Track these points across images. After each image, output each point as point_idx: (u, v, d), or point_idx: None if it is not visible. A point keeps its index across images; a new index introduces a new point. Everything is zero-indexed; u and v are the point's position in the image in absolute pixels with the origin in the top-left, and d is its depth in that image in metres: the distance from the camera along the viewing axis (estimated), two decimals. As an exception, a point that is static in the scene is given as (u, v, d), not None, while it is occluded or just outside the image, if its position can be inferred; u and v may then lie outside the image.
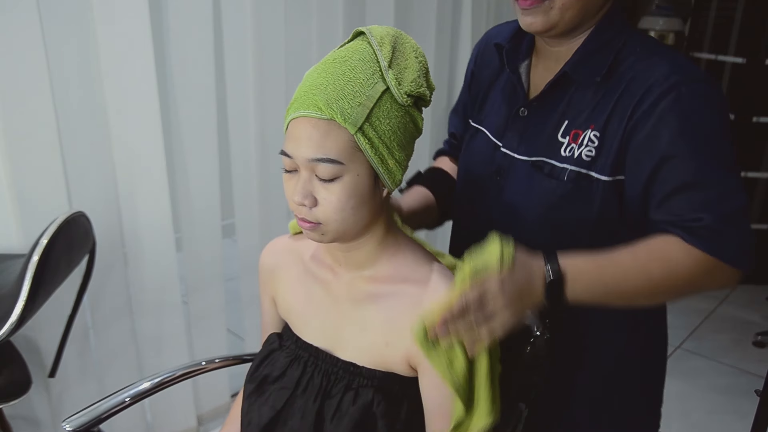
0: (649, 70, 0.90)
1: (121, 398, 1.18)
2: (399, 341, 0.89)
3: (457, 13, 2.66)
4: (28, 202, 1.54)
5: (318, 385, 0.94)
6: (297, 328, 1.02)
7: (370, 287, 0.93)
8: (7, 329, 1.16)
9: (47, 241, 1.24)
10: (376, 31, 0.87)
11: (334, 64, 0.84)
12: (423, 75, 0.88)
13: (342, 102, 0.80)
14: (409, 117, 0.87)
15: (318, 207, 0.84)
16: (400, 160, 0.86)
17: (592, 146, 0.94)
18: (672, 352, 2.78)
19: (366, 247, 0.92)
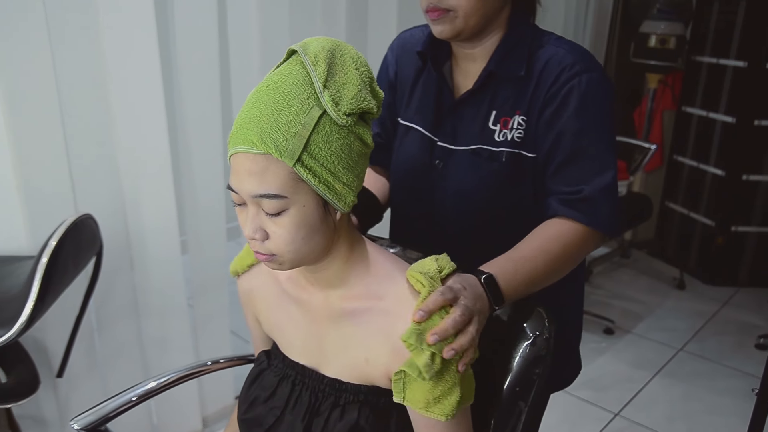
0: (558, 59, 1.05)
1: (128, 397, 1.19)
2: (377, 357, 0.88)
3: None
4: (35, 205, 1.57)
5: (306, 403, 0.95)
6: (282, 346, 1.02)
7: (344, 305, 0.92)
8: (16, 330, 1.18)
9: (56, 243, 1.26)
10: (311, 48, 0.82)
11: (267, 92, 0.80)
12: (366, 87, 0.83)
13: (276, 134, 0.77)
14: (354, 135, 0.82)
15: (269, 240, 0.83)
16: (348, 182, 0.83)
17: (521, 129, 1.07)
18: (674, 354, 2.79)
19: (332, 267, 0.91)
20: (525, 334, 1.01)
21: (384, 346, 0.87)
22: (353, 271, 0.92)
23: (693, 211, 3.50)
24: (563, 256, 1.04)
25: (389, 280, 0.91)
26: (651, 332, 2.97)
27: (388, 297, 0.89)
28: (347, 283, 0.92)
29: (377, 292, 0.90)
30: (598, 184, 1.03)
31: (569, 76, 1.03)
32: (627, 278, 3.56)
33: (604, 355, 2.78)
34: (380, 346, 0.88)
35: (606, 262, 3.69)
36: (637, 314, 3.15)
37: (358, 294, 0.91)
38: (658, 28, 3.11)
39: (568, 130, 1.04)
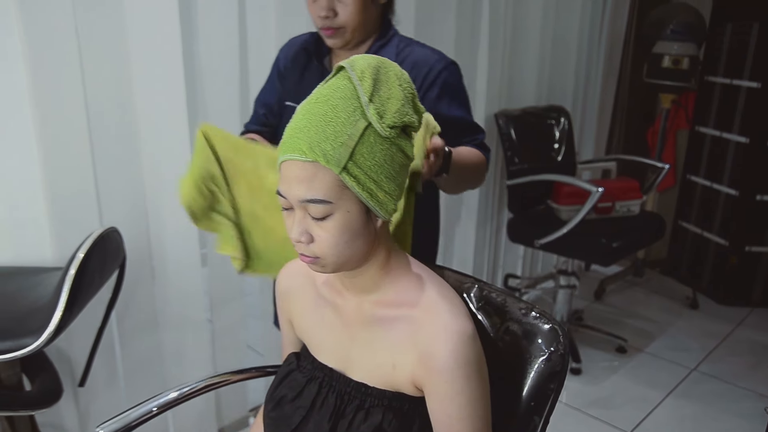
0: (426, 56, 1.41)
1: (149, 407, 1.22)
2: (404, 364, 0.92)
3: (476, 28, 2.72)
4: (61, 218, 1.61)
5: (332, 405, 0.98)
6: (313, 348, 1.06)
7: (376, 311, 0.97)
8: (44, 339, 1.21)
9: (83, 256, 1.30)
10: (358, 65, 0.88)
11: (316, 104, 0.86)
12: (409, 102, 0.89)
13: (324, 144, 0.83)
14: (396, 147, 0.88)
15: (314, 243, 0.88)
16: (390, 191, 0.88)
17: None
18: (688, 374, 2.79)
19: (369, 272, 0.96)
20: (540, 349, 1.03)
21: (410, 353, 0.91)
22: (387, 278, 0.96)
23: (706, 231, 3.50)
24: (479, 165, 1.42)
25: (420, 290, 0.95)
26: (664, 351, 2.97)
27: (417, 305, 0.93)
28: (381, 289, 0.97)
29: (408, 300, 0.95)
30: (482, 137, 1.46)
31: (441, 68, 1.40)
32: (640, 297, 3.55)
33: (616, 373, 2.78)
34: (407, 353, 0.92)
35: (619, 281, 3.69)
36: (650, 333, 3.14)
37: (390, 301, 0.96)
38: (671, 49, 3.13)
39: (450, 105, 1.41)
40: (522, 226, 2.91)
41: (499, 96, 2.93)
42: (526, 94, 3.12)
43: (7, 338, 1.23)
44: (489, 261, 3.24)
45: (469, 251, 3.04)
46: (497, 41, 2.80)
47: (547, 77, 3.21)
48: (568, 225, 2.59)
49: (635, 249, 3.28)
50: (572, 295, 3.00)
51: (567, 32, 3.22)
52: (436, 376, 0.89)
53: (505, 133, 2.86)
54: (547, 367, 1.02)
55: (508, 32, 2.87)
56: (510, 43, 2.91)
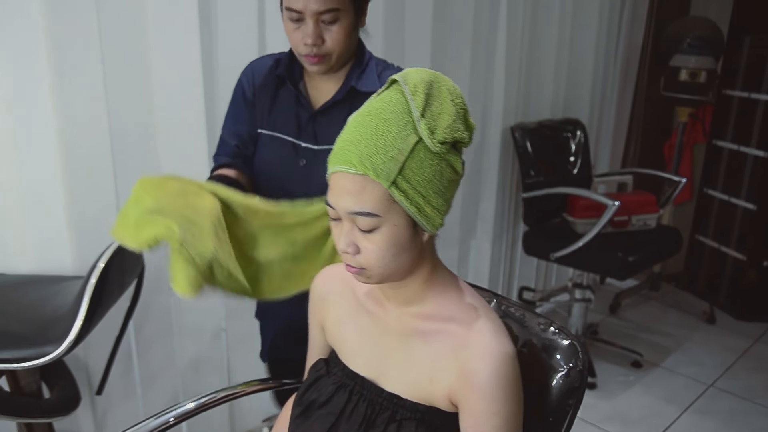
0: None
1: (166, 418, 1.23)
2: (442, 378, 0.92)
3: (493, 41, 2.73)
4: (82, 227, 1.63)
5: (362, 414, 0.98)
6: (344, 356, 1.05)
7: (416, 323, 0.97)
8: (65, 348, 1.22)
9: (104, 265, 1.31)
10: (411, 78, 0.88)
11: (368, 117, 0.87)
12: (460, 118, 0.89)
13: (374, 158, 0.83)
14: (446, 163, 0.87)
15: (360, 254, 0.89)
16: (438, 206, 0.88)
17: None
18: (705, 390, 2.76)
19: (413, 285, 0.96)
20: (559, 365, 1.03)
21: (450, 368, 0.91)
22: (431, 291, 0.97)
23: (723, 245, 3.47)
24: None
25: (463, 306, 0.96)
26: (680, 367, 2.94)
27: (460, 321, 0.94)
28: (423, 302, 0.97)
29: (451, 315, 0.95)
30: None
31: None
32: (655, 311, 3.52)
33: (632, 388, 2.76)
34: (446, 368, 0.92)
35: (634, 295, 3.66)
36: (666, 348, 3.11)
37: (432, 314, 0.96)
38: (689, 62, 3.12)
39: None
40: (537, 239, 2.90)
41: (515, 109, 2.94)
42: (542, 107, 3.12)
43: (29, 346, 1.24)
44: (504, 274, 3.23)
45: (485, 264, 3.04)
46: (514, 54, 2.81)
47: (564, 90, 3.21)
48: (584, 238, 2.58)
49: (652, 263, 3.25)
50: (587, 308, 2.98)
51: (583, 45, 3.22)
52: (475, 392, 0.89)
53: (521, 146, 2.85)
54: (566, 383, 1.02)
55: (525, 45, 2.88)
56: (526, 56, 2.91)
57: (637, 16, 3.55)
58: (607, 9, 3.27)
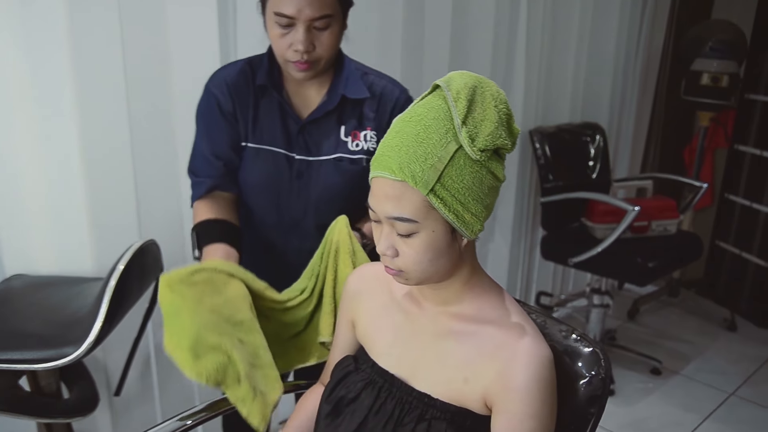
0: (390, 88, 1.39)
1: (184, 420, 1.23)
2: (478, 380, 0.92)
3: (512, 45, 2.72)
4: (101, 229, 1.64)
5: (390, 412, 0.98)
6: (374, 353, 1.05)
7: (453, 324, 0.97)
8: (84, 349, 1.23)
9: (124, 267, 1.32)
10: (454, 84, 0.87)
11: (410, 123, 0.87)
12: (503, 125, 0.88)
13: (413, 165, 0.84)
14: (486, 170, 0.87)
15: (399, 258, 0.90)
16: (476, 213, 0.88)
17: (374, 141, 1.37)
18: (726, 398, 2.72)
19: (452, 287, 0.97)
20: (581, 372, 1.01)
21: (488, 369, 0.91)
22: (470, 293, 0.97)
23: (745, 251, 3.42)
24: None
25: (502, 309, 0.97)
26: (700, 374, 2.90)
27: (498, 324, 0.94)
28: (461, 303, 0.97)
29: (489, 317, 0.95)
30: None
31: (404, 101, 1.38)
32: (675, 317, 3.48)
33: (651, 395, 2.72)
34: (483, 369, 0.92)
35: (653, 301, 3.62)
36: (686, 355, 3.08)
37: (470, 315, 0.96)
38: (710, 66, 3.08)
39: None
40: (555, 243, 2.88)
41: (534, 113, 2.92)
42: (561, 111, 3.10)
43: (49, 347, 1.25)
44: (522, 278, 3.21)
45: (503, 268, 3.02)
46: (533, 58, 2.80)
47: (583, 94, 3.18)
48: (603, 243, 2.55)
49: (672, 269, 3.21)
50: (605, 314, 2.95)
51: (603, 49, 3.20)
52: (513, 394, 0.89)
53: (540, 150, 2.84)
54: (588, 390, 1.01)
55: (545, 49, 2.86)
56: (546, 59, 2.90)
57: (658, 19, 3.52)
58: (628, 12, 3.25)
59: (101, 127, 1.59)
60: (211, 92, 1.37)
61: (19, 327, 1.32)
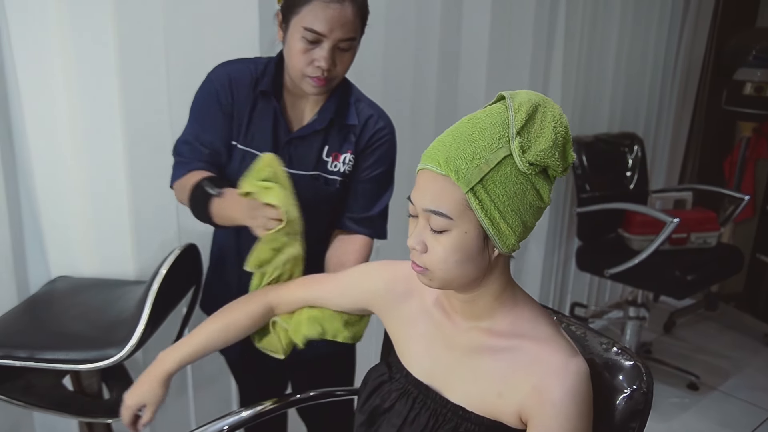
0: (374, 120, 1.42)
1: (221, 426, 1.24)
2: (513, 394, 0.91)
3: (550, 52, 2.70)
4: (144, 234, 1.68)
5: (424, 424, 0.98)
6: (405, 358, 1.06)
7: (487, 339, 0.96)
8: (127, 351, 1.26)
9: (166, 271, 1.34)
10: (518, 97, 0.88)
11: (467, 123, 0.88)
12: (558, 147, 0.87)
13: (459, 161, 0.84)
14: (531, 185, 0.86)
15: (427, 254, 0.89)
16: (513, 226, 0.87)
17: (351, 164, 1.41)
18: (766, 418, 2.65)
19: (482, 300, 0.96)
20: (622, 386, 1.00)
21: (523, 384, 0.90)
22: (503, 308, 0.96)
23: (787, 266, 3.34)
24: None
25: (536, 323, 0.95)
26: (739, 391, 2.83)
27: (533, 339, 0.93)
28: (493, 318, 0.97)
29: (523, 332, 0.94)
30: (378, 208, 1.46)
31: (381, 136, 1.42)
32: (712, 332, 3.41)
33: (687, 411, 2.67)
34: (518, 383, 0.91)
35: (690, 314, 3.55)
36: (724, 370, 3.01)
37: (503, 331, 0.95)
38: (754, 76, 3.02)
39: (370, 173, 1.43)
40: (591, 254, 2.84)
41: (571, 122, 2.89)
42: (598, 120, 3.07)
43: (92, 348, 1.28)
44: (556, 289, 3.18)
45: (537, 279, 2.99)
46: (571, 66, 2.78)
47: (621, 103, 3.15)
48: (641, 255, 2.51)
49: (711, 282, 3.15)
50: (641, 327, 2.91)
51: (642, 57, 3.16)
52: (549, 409, 0.88)
53: (577, 160, 2.81)
54: (629, 405, 0.99)
55: (583, 57, 2.84)
56: (584, 68, 2.87)
57: (699, 26, 3.46)
58: (668, 20, 3.20)
59: (145, 132, 1.62)
60: (212, 83, 1.39)
61: (63, 328, 1.35)
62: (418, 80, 2.19)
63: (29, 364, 1.26)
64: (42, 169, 1.55)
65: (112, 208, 1.63)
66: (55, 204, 1.59)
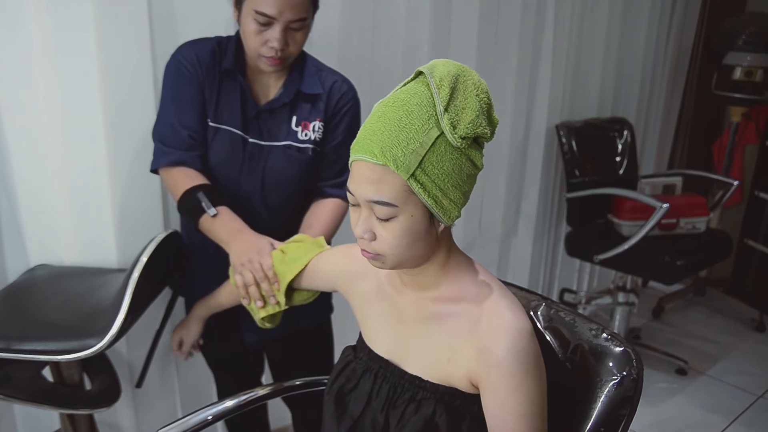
0: (340, 84, 1.48)
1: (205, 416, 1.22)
2: (459, 358, 0.93)
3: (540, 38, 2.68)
4: (126, 220, 1.64)
5: (385, 396, 1.00)
6: (368, 339, 1.08)
7: (433, 307, 0.98)
8: (107, 341, 1.22)
9: (147, 259, 1.31)
10: (437, 71, 0.87)
11: (393, 108, 0.87)
12: (483, 114, 0.88)
13: (395, 149, 0.84)
14: (465, 157, 0.88)
15: (376, 241, 0.91)
16: (455, 199, 0.89)
17: (321, 131, 1.46)
18: (753, 401, 2.66)
19: (428, 271, 0.97)
20: (611, 373, 0.99)
21: (468, 348, 0.92)
22: (447, 276, 0.98)
23: (775, 250, 3.35)
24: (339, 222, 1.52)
25: (479, 287, 0.97)
26: (727, 375, 2.84)
27: (476, 302, 0.95)
28: (440, 286, 0.98)
29: (467, 296, 0.96)
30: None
31: (347, 100, 1.48)
32: (701, 317, 3.42)
33: (676, 396, 2.68)
34: (464, 347, 0.93)
35: (678, 299, 3.56)
36: (712, 355, 3.02)
37: (449, 297, 0.97)
38: (743, 60, 3.00)
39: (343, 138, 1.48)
40: (581, 240, 2.83)
41: (561, 107, 2.87)
42: (588, 105, 3.05)
43: (72, 338, 1.25)
44: (545, 275, 3.17)
45: (525, 264, 2.98)
46: (561, 51, 2.75)
47: (611, 88, 3.13)
48: (630, 241, 2.50)
49: (701, 268, 3.15)
50: (630, 313, 2.91)
51: (632, 42, 3.14)
52: (494, 369, 0.89)
53: (566, 145, 2.79)
54: (619, 391, 0.98)
55: (572, 42, 2.81)
56: (574, 53, 2.84)
57: (689, 11, 3.44)
58: (659, 5, 3.18)
59: (127, 118, 1.58)
60: (181, 62, 1.42)
61: (42, 317, 1.32)
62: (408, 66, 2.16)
63: (5, 356, 1.23)
64: (19, 153, 1.50)
65: (94, 194, 1.59)
66: (33, 191, 1.54)
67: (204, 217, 1.36)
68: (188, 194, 1.38)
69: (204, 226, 1.38)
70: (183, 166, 1.43)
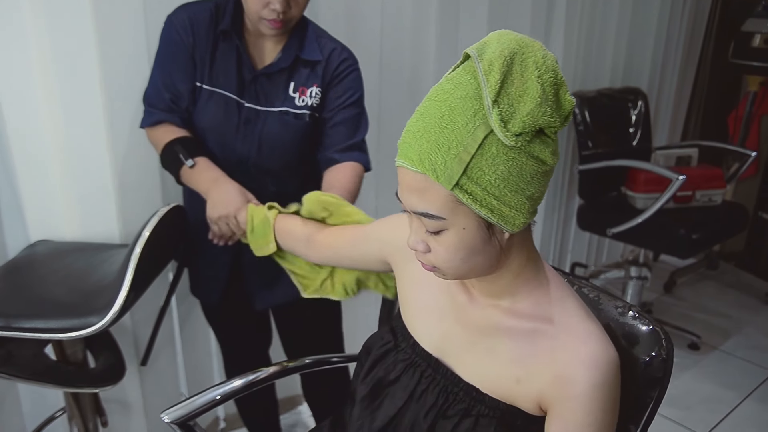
0: (339, 50, 1.45)
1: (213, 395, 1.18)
2: (532, 381, 0.83)
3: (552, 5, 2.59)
4: (128, 194, 1.59)
5: (432, 402, 0.90)
6: (413, 328, 0.98)
7: (505, 319, 0.87)
8: (109, 319, 1.18)
9: (149, 234, 1.26)
10: (488, 52, 0.73)
11: (435, 103, 0.75)
12: (548, 100, 0.72)
13: (434, 155, 0.73)
14: (526, 155, 0.73)
15: (431, 254, 0.81)
16: (517, 205, 0.75)
17: (318, 97, 1.44)
18: (764, 381, 2.61)
19: (501, 280, 0.86)
20: (640, 354, 0.94)
21: (544, 372, 0.82)
22: (524, 287, 0.87)
23: (790, 224, 3.28)
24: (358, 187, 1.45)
25: (560, 305, 0.86)
26: (740, 350, 2.80)
27: (556, 322, 0.84)
28: (514, 297, 0.87)
29: (545, 314, 0.85)
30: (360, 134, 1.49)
31: (349, 64, 1.46)
32: (713, 291, 3.37)
33: (689, 371, 2.64)
34: (539, 371, 0.83)
35: (690, 273, 3.51)
36: (725, 330, 2.97)
37: (523, 312, 0.86)
38: (762, 27, 2.91)
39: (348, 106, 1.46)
40: (593, 213, 2.77)
41: (573, 76, 2.80)
42: (601, 74, 2.97)
43: (74, 316, 1.20)
44: (556, 249, 3.13)
45: (536, 238, 2.93)
46: (573, 20, 2.67)
47: (624, 57, 3.04)
48: (645, 214, 2.44)
49: (716, 241, 3.08)
50: (643, 287, 2.86)
51: (647, 9, 3.04)
52: (572, 401, 0.80)
53: (579, 116, 2.71)
54: (648, 372, 0.94)
55: (586, 9, 2.73)
56: (587, 21, 2.76)
57: (706, -24, 3.34)
58: (674, -30, 3.08)
59: (127, 90, 1.53)
60: (173, 25, 1.40)
61: (43, 294, 1.28)
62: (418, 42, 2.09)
63: (6, 334, 1.19)
64: (17, 127, 1.45)
65: (94, 169, 1.54)
66: (33, 165, 1.49)
67: (183, 169, 1.38)
68: (167, 147, 1.39)
69: (184, 177, 1.40)
70: (167, 123, 1.43)
